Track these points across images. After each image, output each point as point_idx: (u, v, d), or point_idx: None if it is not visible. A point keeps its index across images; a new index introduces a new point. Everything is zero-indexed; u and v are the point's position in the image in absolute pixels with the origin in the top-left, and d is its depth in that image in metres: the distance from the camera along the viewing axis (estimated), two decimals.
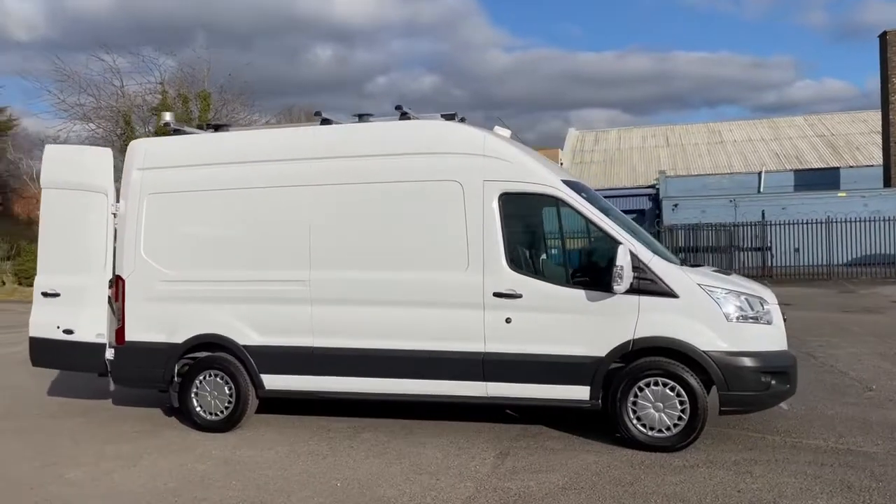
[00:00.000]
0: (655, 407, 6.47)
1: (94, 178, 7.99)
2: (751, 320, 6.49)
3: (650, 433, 6.48)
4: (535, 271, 6.95)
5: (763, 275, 27.69)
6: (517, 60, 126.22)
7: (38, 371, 9.02)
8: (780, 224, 28.35)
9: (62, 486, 6.03)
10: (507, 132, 7.90)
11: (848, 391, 8.71)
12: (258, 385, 7.45)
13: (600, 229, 6.69)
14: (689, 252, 28.64)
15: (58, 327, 8.06)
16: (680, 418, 6.42)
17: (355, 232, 7.25)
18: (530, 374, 6.72)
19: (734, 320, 6.42)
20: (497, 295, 6.76)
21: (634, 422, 6.51)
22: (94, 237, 7.97)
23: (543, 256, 7.20)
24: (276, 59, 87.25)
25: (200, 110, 33.32)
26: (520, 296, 6.73)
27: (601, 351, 6.56)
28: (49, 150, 8.50)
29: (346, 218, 7.28)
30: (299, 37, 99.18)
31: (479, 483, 5.80)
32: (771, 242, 28.85)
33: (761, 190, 38.84)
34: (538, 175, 6.88)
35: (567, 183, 6.93)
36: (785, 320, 6.91)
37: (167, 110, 30.46)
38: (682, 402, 6.41)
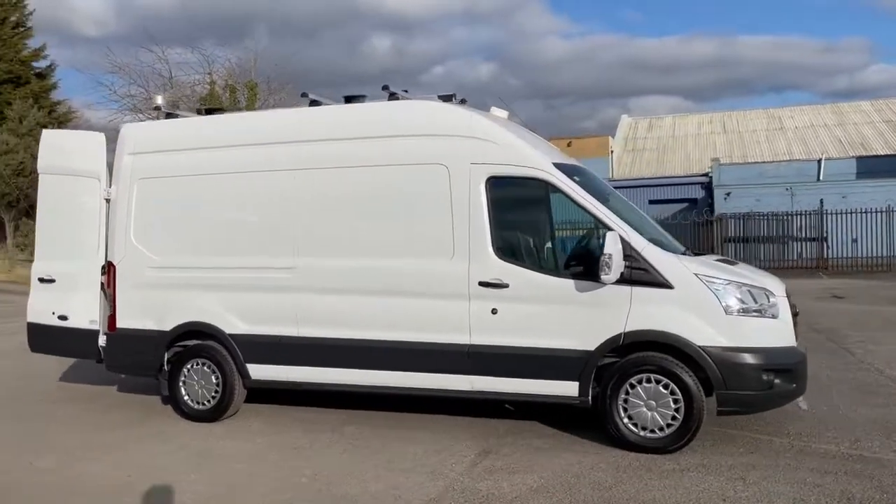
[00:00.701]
0: (648, 405, 6.04)
1: (86, 163, 7.91)
2: (753, 314, 6.00)
3: (642, 433, 6.05)
4: (523, 260, 6.54)
5: (818, 266, 26.55)
6: (575, 47, 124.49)
7: (55, 357, 9.04)
8: (838, 213, 27.09)
9: (25, 473, 5.95)
10: (503, 113, 7.52)
11: (879, 391, 8.08)
12: (244, 375, 7.27)
13: (591, 215, 6.27)
14: (741, 242, 27.66)
15: (53, 313, 8.03)
16: (674, 418, 5.97)
17: (341, 218, 6.98)
18: (517, 368, 6.36)
19: (734, 313, 5.93)
20: (483, 284, 6.41)
21: (625, 421, 6.10)
22: (88, 223, 7.90)
23: (532, 244, 6.80)
24: (335, 50, 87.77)
25: (248, 100, 33.66)
26: (506, 285, 6.36)
27: (590, 345, 6.15)
28: (45, 135, 8.47)
29: (332, 204, 7.01)
30: (358, 27, 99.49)
31: (450, 483, 5.48)
32: (828, 232, 27.60)
33: (821, 178, 37.25)
34: (527, 158, 6.48)
35: (560, 166, 6.51)
36: (797, 314, 6.39)
37: (215, 101, 30.88)
38: (676, 401, 5.96)
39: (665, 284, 6.01)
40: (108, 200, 7.85)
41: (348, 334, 6.83)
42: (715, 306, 5.92)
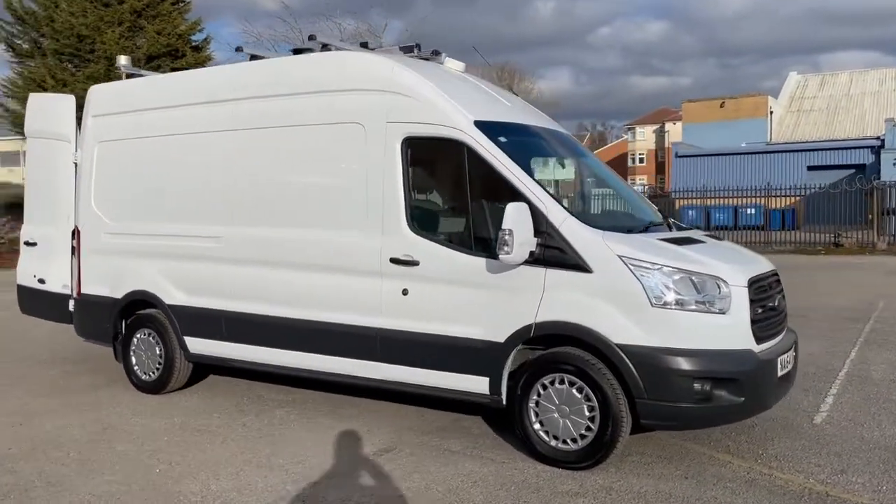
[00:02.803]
0: (560, 411, 5.04)
1: (59, 126, 7.84)
2: (692, 307, 4.80)
3: (552, 443, 5.07)
4: (436, 234, 5.63)
5: None
6: (755, 1, 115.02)
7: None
8: None
9: None
10: (459, 65, 6.60)
11: None
12: (184, 347, 6.93)
13: (506, 181, 5.26)
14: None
15: (34, 276, 8.11)
16: (588, 428, 4.94)
17: (260, 185, 6.40)
18: (426, 357, 5.54)
19: (663, 306, 4.77)
20: (393, 261, 5.62)
21: (536, 427, 5.13)
22: (61, 187, 7.86)
23: (449, 216, 5.87)
24: (496, 16, 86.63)
25: None
26: (417, 263, 5.53)
27: (500, 335, 5.21)
28: (30, 98, 8.50)
29: (252, 169, 6.44)
30: None
31: (303, 487, 4.82)
32: None
33: None
34: (444, 114, 5.53)
35: (485, 124, 5.51)
36: (770, 306, 5.11)
37: None
38: (591, 408, 4.93)
39: (583, 267, 4.95)
40: (76, 164, 7.76)
41: (269, 311, 6.29)
42: (639, 296, 4.79)
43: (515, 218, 4.90)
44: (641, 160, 77.69)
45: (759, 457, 5.24)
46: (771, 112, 43.26)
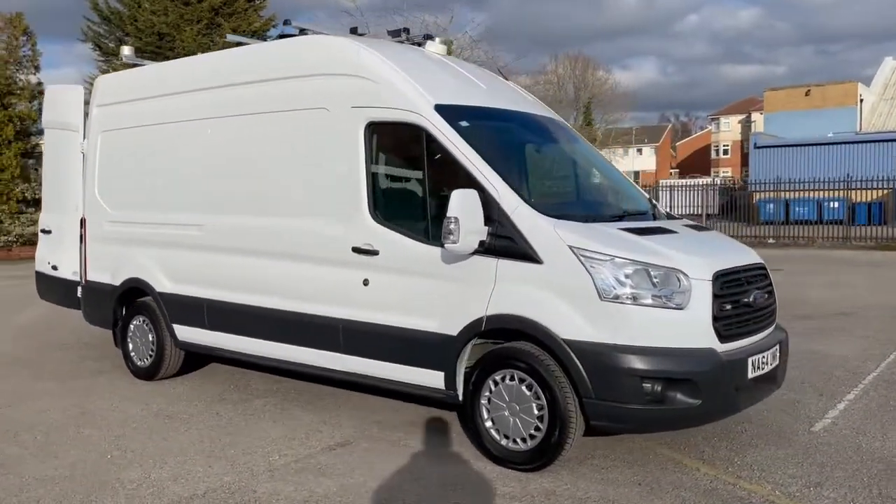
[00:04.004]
0: (510, 409, 4.77)
1: (68, 116, 8.02)
2: (645, 302, 4.44)
3: (503, 442, 4.81)
4: (396, 223, 5.40)
5: None
6: None
7: None
8: None
9: None
10: (440, 48, 6.36)
11: None
12: (173, 335, 6.98)
13: (461, 167, 5.01)
14: None
15: (48, 263, 8.35)
16: (537, 428, 4.66)
17: (235, 172, 6.35)
18: (384, 349, 5.36)
19: (613, 299, 4.43)
20: (355, 250, 5.46)
21: (488, 425, 4.88)
22: (71, 176, 8.04)
23: (409, 204, 5.63)
24: (582, 5, 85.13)
25: None
26: (376, 252, 5.36)
27: (453, 328, 4.98)
28: (46, 90, 8.73)
29: (228, 156, 6.39)
30: None
31: (240, 478, 4.72)
32: None
33: None
34: (404, 98, 5.30)
35: (447, 108, 5.25)
36: (746, 304, 4.71)
37: None
38: (539, 407, 4.65)
39: (533, 258, 4.66)
40: (84, 154, 7.92)
41: (245, 300, 6.23)
42: (588, 289, 4.47)
43: (461, 205, 4.65)
44: (725, 152, 74.93)
45: (732, 464, 4.84)
46: (861, 100, 40.90)
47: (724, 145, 75.51)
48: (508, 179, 4.90)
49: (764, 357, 4.80)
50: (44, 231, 8.48)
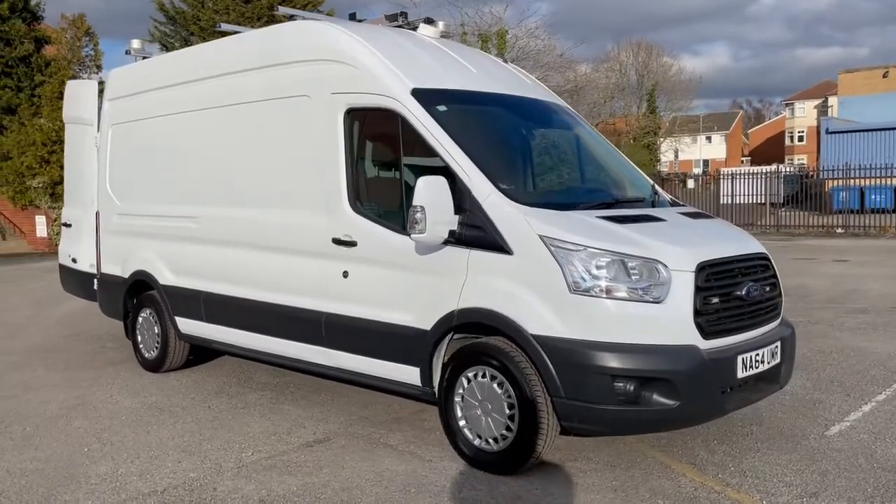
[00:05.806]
0: (482, 407, 4.52)
1: (83, 111, 8.10)
2: (620, 295, 4.12)
3: (476, 442, 4.57)
4: (374, 213, 5.18)
5: None
6: None
7: None
8: None
9: None
10: (434, 30, 6.10)
11: None
12: (175, 328, 6.96)
13: (435, 152, 4.77)
14: None
15: (69, 255, 8.47)
16: (508, 428, 4.40)
17: (226, 163, 6.25)
18: (363, 344, 5.17)
19: (583, 292, 4.13)
20: (335, 241, 5.28)
21: (462, 423, 4.65)
22: (86, 170, 8.13)
23: (387, 194, 5.39)
24: None
25: (497, 48, 33.29)
26: (355, 244, 5.17)
27: (427, 322, 4.75)
28: (66, 86, 8.84)
29: (218, 147, 6.30)
30: None
31: (204, 474, 4.60)
32: None
33: None
34: (382, 84, 5.06)
35: (429, 92, 5.02)
36: (738, 297, 4.34)
37: None
38: (510, 406, 4.38)
39: (503, 248, 4.39)
40: (98, 148, 7.99)
41: (239, 293, 6.13)
42: (557, 281, 4.17)
43: (428, 193, 4.42)
44: (801, 138, 71.96)
45: (724, 470, 4.47)
46: None
47: (798, 132, 72.54)
48: (483, 166, 4.63)
49: (758, 355, 4.42)
50: (65, 224, 8.60)
